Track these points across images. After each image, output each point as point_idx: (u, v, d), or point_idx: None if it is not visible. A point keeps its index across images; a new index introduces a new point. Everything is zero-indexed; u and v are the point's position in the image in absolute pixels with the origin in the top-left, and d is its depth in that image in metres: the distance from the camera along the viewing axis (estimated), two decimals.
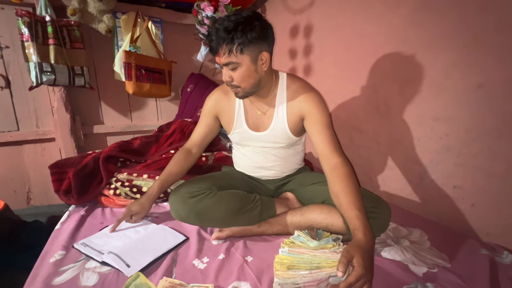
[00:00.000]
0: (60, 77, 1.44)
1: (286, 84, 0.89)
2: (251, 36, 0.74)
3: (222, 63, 0.78)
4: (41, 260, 0.70)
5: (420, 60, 0.99)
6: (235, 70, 0.78)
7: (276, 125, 0.90)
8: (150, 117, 2.01)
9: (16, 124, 1.58)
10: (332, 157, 0.79)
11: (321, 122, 0.84)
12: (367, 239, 0.61)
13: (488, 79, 0.81)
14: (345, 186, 0.72)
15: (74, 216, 0.92)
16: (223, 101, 0.96)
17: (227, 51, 0.75)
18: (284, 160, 0.98)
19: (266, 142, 0.94)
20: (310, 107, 0.85)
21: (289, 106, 0.88)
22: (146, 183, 1.03)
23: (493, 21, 0.78)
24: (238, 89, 0.82)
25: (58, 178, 1.03)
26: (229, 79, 0.80)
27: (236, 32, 0.73)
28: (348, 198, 0.70)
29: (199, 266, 0.69)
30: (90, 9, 1.49)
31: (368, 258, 0.57)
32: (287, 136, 0.91)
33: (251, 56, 0.77)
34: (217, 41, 0.75)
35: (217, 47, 0.76)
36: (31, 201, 1.69)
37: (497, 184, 0.82)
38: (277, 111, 0.89)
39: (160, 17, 1.82)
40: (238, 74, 0.79)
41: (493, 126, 0.81)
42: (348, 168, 0.77)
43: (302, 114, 0.87)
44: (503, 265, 0.70)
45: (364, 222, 0.64)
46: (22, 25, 1.34)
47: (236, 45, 0.74)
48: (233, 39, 0.74)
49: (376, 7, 1.13)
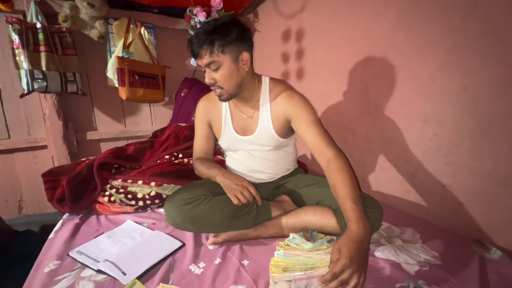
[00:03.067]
0: (52, 83, 1.43)
1: (269, 88, 0.92)
2: (230, 37, 0.79)
3: (204, 64, 0.81)
4: (35, 270, 0.69)
5: (408, 63, 1.02)
6: (217, 70, 0.81)
7: (262, 128, 0.92)
8: (144, 122, 2.01)
9: (7, 132, 1.56)
10: (327, 151, 0.81)
11: (308, 120, 0.85)
12: (359, 230, 0.61)
13: (473, 81, 0.84)
14: (341, 179, 0.73)
15: (68, 225, 0.92)
16: (211, 109, 1.00)
17: (208, 52, 0.79)
18: (275, 162, 0.99)
19: (254, 145, 0.95)
20: (294, 108, 0.87)
21: (273, 108, 0.90)
22: (141, 189, 1.02)
23: (476, 26, 0.82)
24: (222, 91, 0.85)
25: (51, 186, 1.02)
26: (212, 81, 0.83)
27: (215, 34, 0.78)
28: (343, 190, 0.71)
29: (195, 271, 0.69)
30: (82, 15, 1.49)
31: (356, 248, 0.57)
32: (274, 138, 0.93)
33: (231, 56, 0.81)
34: (198, 43, 0.79)
35: (198, 49, 0.80)
36: (23, 210, 1.66)
37: (484, 182, 0.85)
38: (262, 114, 0.91)
39: (153, 23, 1.83)
40: (221, 75, 0.81)
41: (479, 126, 0.84)
42: (343, 160, 0.78)
43: (287, 116, 0.89)
44: (492, 261, 0.72)
45: (358, 213, 0.65)
46: (13, 33, 1.33)
47: (216, 45, 0.78)
48: (213, 40, 0.78)
49: (366, 12, 1.16)
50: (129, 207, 1.02)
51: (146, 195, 1.02)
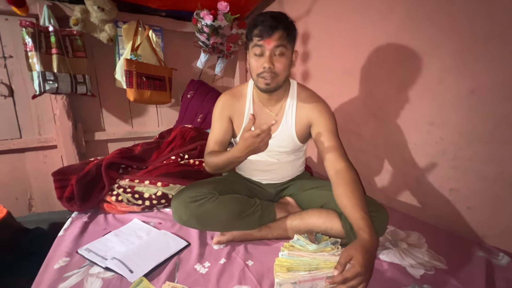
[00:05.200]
0: (63, 85, 1.47)
1: (296, 91, 0.93)
2: (296, 33, 0.82)
3: (275, 44, 0.77)
4: (46, 266, 0.72)
5: (413, 66, 1.02)
6: (282, 56, 0.79)
7: (284, 129, 0.92)
8: (151, 124, 2.03)
9: (18, 131, 1.60)
10: (338, 162, 0.81)
11: (328, 129, 0.87)
12: (372, 240, 0.62)
13: (480, 84, 0.84)
14: (350, 190, 0.74)
15: (77, 223, 0.94)
16: (233, 104, 0.96)
17: (284, 35, 0.78)
18: (286, 165, 0.99)
19: (271, 146, 0.94)
20: (318, 114, 0.89)
21: (298, 112, 0.92)
22: (147, 189, 1.04)
23: (482, 29, 0.81)
24: (276, 78, 0.82)
25: (61, 185, 1.04)
26: (271, 65, 0.79)
27: (290, 22, 0.80)
28: (353, 201, 0.71)
29: (200, 270, 0.70)
30: (92, 19, 1.52)
31: (369, 258, 0.58)
32: (293, 141, 0.93)
33: (292, 50, 0.83)
34: (277, 21, 0.76)
35: (274, 28, 0.76)
36: (33, 208, 1.70)
37: (491, 187, 0.84)
38: (286, 116, 0.92)
39: (160, 26, 1.86)
40: (282, 62, 0.80)
41: (486, 130, 0.84)
42: (353, 173, 0.79)
43: (310, 121, 0.91)
44: (499, 266, 0.72)
45: (369, 224, 0.66)
46: (26, 36, 1.37)
47: (291, 33, 0.80)
48: (288, 26, 0.79)
49: (371, 15, 1.16)
50: (136, 206, 1.04)
51: (152, 195, 1.04)
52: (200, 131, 1.51)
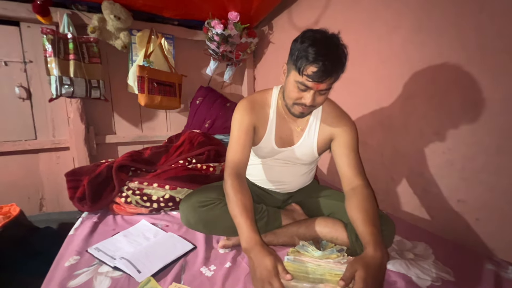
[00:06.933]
0: (78, 89, 1.53)
1: (322, 106, 0.89)
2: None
3: (323, 88, 0.73)
4: (56, 264, 0.74)
5: (420, 77, 1.03)
6: (323, 94, 0.76)
7: (306, 142, 0.90)
8: (160, 128, 2.08)
9: (34, 133, 1.66)
10: (355, 179, 0.82)
11: (350, 146, 0.86)
12: (377, 255, 0.61)
13: (487, 96, 0.84)
14: (364, 205, 0.74)
15: (87, 223, 0.96)
16: (258, 112, 0.89)
17: (334, 80, 0.74)
18: (299, 176, 0.98)
19: (289, 157, 0.93)
20: (342, 129, 0.87)
21: (322, 126, 0.89)
22: (156, 191, 1.06)
23: (490, 42, 0.82)
24: (312, 109, 0.80)
25: (73, 186, 1.08)
26: (314, 103, 0.76)
27: (344, 64, 0.73)
28: (365, 216, 0.71)
29: (206, 273, 0.71)
30: (109, 27, 1.60)
31: (373, 274, 0.57)
32: (312, 154, 0.92)
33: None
34: (333, 67, 0.70)
35: (328, 75, 0.70)
36: (44, 208, 1.75)
37: (500, 199, 0.83)
38: (309, 129, 0.90)
39: (172, 34, 1.93)
40: (323, 98, 0.77)
41: (494, 142, 0.83)
42: (369, 190, 0.79)
43: (332, 136, 0.89)
44: (508, 280, 0.70)
45: (379, 239, 0.65)
46: (47, 42, 1.44)
47: (340, 75, 0.74)
48: (342, 71, 0.74)
49: (378, 27, 1.18)
50: (144, 208, 1.06)
51: (160, 198, 1.06)
52: (208, 137, 1.54)
